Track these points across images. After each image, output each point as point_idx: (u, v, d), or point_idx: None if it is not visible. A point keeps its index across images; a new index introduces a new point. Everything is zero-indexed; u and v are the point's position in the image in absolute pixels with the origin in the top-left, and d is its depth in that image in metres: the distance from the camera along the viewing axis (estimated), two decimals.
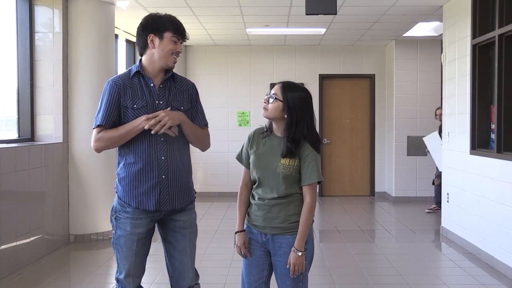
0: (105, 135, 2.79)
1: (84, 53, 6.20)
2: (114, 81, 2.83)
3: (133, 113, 2.78)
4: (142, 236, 2.83)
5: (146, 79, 2.83)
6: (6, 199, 4.91)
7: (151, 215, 2.83)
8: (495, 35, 5.34)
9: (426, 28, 8.26)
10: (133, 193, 2.80)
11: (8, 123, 5.99)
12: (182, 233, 2.89)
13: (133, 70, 2.86)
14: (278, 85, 2.75)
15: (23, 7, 5.88)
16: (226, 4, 6.80)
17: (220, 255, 5.72)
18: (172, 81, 2.89)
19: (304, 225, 2.67)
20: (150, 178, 2.77)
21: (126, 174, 2.82)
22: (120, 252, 2.84)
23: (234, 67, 10.09)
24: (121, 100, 2.79)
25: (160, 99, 2.81)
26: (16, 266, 5.04)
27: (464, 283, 4.85)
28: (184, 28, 2.86)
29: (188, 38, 2.91)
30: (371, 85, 10.09)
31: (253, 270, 2.79)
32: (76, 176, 6.22)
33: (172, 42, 2.80)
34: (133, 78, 2.84)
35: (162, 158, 2.78)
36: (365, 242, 6.63)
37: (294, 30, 8.52)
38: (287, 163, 2.67)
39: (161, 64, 2.83)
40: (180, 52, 2.87)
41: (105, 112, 2.79)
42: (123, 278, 2.85)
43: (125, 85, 2.81)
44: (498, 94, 5.29)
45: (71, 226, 6.22)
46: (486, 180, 5.50)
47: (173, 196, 2.82)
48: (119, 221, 2.85)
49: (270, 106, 2.70)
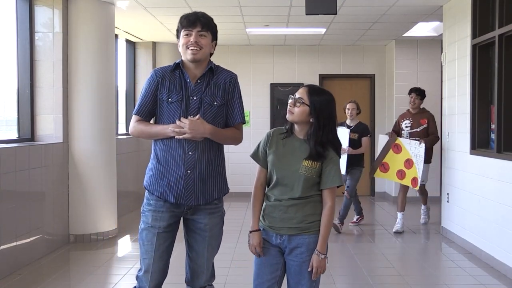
0: (138, 127, 2.89)
1: (84, 53, 6.20)
2: (155, 72, 2.91)
3: (167, 107, 2.83)
4: (163, 230, 2.85)
5: (184, 73, 2.87)
6: (6, 199, 4.91)
7: (173, 209, 2.85)
8: (495, 35, 5.34)
9: (426, 28, 8.25)
10: (158, 183, 2.84)
11: (8, 123, 5.99)
12: (202, 235, 2.91)
13: (176, 63, 2.91)
14: (304, 88, 2.75)
15: (23, 7, 5.88)
16: (226, 4, 6.80)
17: (220, 255, 5.66)
18: (211, 75, 2.90)
19: (326, 228, 2.71)
20: (175, 172, 2.81)
21: (154, 166, 2.88)
22: (142, 246, 2.89)
23: (234, 67, 10.03)
24: (158, 92, 2.85)
25: (194, 95, 2.84)
26: (16, 266, 5.04)
27: (464, 283, 4.85)
28: (193, 17, 2.87)
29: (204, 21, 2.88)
30: (371, 85, 10.09)
31: (266, 269, 2.78)
32: (76, 176, 6.21)
33: (185, 36, 2.85)
34: (174, 72, 2.88)
35: (190, 153, 2.80)
36: (365, 242, 6.63)
37: (294, 30, 8.52)
38: (309, 166, 2.69)
39: (188, 60, 2.86)
40: (198, 42, 2.83)
41: (141, 102, 2.88)
42: (142, 273, 2.88)
43: (165, 77, 2.86)
44: (498, 94, 5.29)
45: (71, 226, 6.22)
46: (486, 180, 5.50)
47: (195, 192, 2.83)
48: (144, 214, 2.90)
49: (297, 110, 2.70)
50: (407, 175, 6.58)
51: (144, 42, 9.23)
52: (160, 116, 2.87)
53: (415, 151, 6.49)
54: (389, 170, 6.80)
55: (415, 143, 6.52)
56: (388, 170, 6.81)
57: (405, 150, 6.62)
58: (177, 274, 3.38)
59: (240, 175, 9.66)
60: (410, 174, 6.54)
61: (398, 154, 6.70)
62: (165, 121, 2.84)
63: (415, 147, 6.51)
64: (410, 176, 6.55)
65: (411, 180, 6.55)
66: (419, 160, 6.46)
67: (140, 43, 9.24)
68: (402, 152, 6.64)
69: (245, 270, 2.86)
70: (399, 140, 6.74)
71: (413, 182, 6.53)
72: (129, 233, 6.62)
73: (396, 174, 6.72)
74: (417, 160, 6.48)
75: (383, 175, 6.95)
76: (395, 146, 6.73)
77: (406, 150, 6.60)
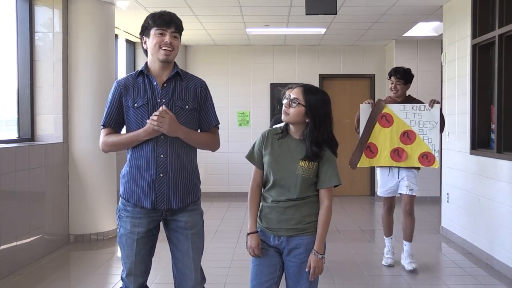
0: (109, 140, 2.85)
1: (84, 53, 6.20)
2: (117, 82, 2.88)
3: (134, 112, 2.79)
4: (142, 235, 2.82)
5: (150, 78, 2.83)
6: (6, 199, 4.91)
7: (151, 214, 2.82)
8: (495, 35, 5.34)
9: (426, 28, 8.25)
10: (132, 190, 2.81)
11: (8, 123, 5.99)
12: (184, 234, 2.86)
13: (138, 70, 2.89)
14: (299, 88, 2.71)
15: (23, 7, 5.88)
16: (226, 4, 6.80)
17: (220, 255, 5.72)
18: (179, 79, 2.87)
19: (323, 228, 2.70)
20: (148, 176, 2.77)
21: (127, 171, 2.84)
22: (122, 250, 2.87)
23: (234, 67, 10.09)
24: (122, 100, 2.81)
25: (163, 98, 2.80)
26: (16, 266, 5.04)
27: (464, 283, 4.85)
28: (170, 17, 2.80)
29: (178, 23, 2.82)
30: (371, 85, 10.09)
31: (265, 270, 2.77)
32: (76, 176, 6.21)
33: (158, 35, 2.78)
34: (137, 78, 2.85)
35: (161, 156, 2.76)
36: (365, 242, 6.63)
37: (294, 30, 8.52)
38: (306, 166, 2.67)
39: (156, 61, 2.81)
40: (173, 43, 2.79)
41: (107, 113, 2.84)
42: (125, 276, 2.88)
43: (127, 85, 2.83)
44: (498, 94, 5.28)
45: (71, 226, 6.22)
46: (486, 180, 5.49)
47: (170, 195, 2.79)
48: (121, 219, 2.86)
49: (292, 111, 2.68)
50: (410, 153, 4.92)
51: None
52: (128, 123, 2.82)
53: (418, 118, 4.92)
54: (379, 153, 4.98)
55: (415, 107, 4.95)
56: (377, 153, 4.98)
57: (398, 120, 4.95)
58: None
59: (240, 175, 9.67)
60: (415, 150, 4.91)
61: (388, 127, 4.97)
62: (133, 127, 2.79)
63: (416, 112, 4.93)
64: (415, 153, 4.92)
65: (419, 157, 4.91)
66: (428, 127, 4.90)
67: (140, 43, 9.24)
68: (394, 124, 4.96)
69: (245, 270, 2.85)
70: (387, 107, 4.99)
71: (424, 159, 4.90)
72: None
73: (391, 155, 4.95)
74: (422, 129, 4.90)
75: (371, 162, 5.01)
76: (383, 118, 4.97)
77: (400, 120, 4.94)
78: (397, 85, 5.12)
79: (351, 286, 4.74)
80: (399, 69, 5.16)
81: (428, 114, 4.89)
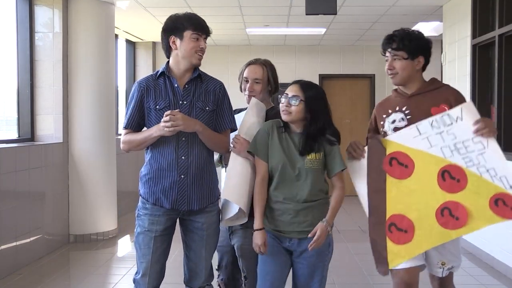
0: (127, 138, 2.86)
1: (84, 53, 6.20)
2: (138, 83, 2.86)
3: (155, 114, 2.78)
4: (160, 233, 2.83)
5: (171, 79, 2.83)
6: (6, 199, 4.91)
7: (169, 213, 2.83)
8: (495, 35, 5.34)
9: (426, 28, 8.25)
10: (152, 190, 2.82)
11: (8, 123, 5.99)
12: (200, 234, 2.88)
13: (159, 71, 2.88)
14: (296, 85, 2.70)
15: (23, 7, 5.88)
16: (226, 4, 6.80)
17: None
18: (199, 81, 2.88)
19: (337, 203, 2.71)
20: (169, 177, 2.78)
21: (147, 172, 2.85)
22: (139, 250, 2.86)
23: (234, 67, 10.08)
24: (144, 102, 2.81)
25: (184, 99, 2.81)
26: (16, 266, 5.04)
27: (464, 283, 4.85)
28: (205, 23, 2.85)
29: (211, 32, 2.89)
30: (371, 85, 10.09)
31: (277, 267, 2.72)
32: (76, 176, 6.21)
33: (193, 39, 2.80)
34: (158, 79, 2.85)
35: (183, 158, 2.77)
36: (365, 242, 6.62)
37: (294, 30, 8.52)
38: (313, 158, 2.66)
39: (186, 64, 2.83)
40: (204, 49, 2.86)
41: (129, 115, 2.85)
42: (140, 277, 2.85)
43: (149, 86, 2.83)
44: (498, 94, 5.29)
45: (71, 226, 6.22)
46: None
47: (191, 197, 2.81)
48: (139, 218, 2.87)
49: (295, 109, 2.65)
50: (471, 206, 2.61)
51: (144, 42, 9.23)
52: (150, 125, 2.83)
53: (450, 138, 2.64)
54: (417, 228, 2.70)
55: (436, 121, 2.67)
56: (413, 230, 2.70)
57: (420, 155, 2.70)
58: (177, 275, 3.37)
59: None
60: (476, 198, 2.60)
61: (409, 177, 2.72)
62: None
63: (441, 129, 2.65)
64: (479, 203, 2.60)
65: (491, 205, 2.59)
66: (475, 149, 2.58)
67: (140, 43, 9.24)
68: (418, 166, 2.71)
69: None
70: (390, 142, 2.80)
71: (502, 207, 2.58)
72: (129, 233, 6.62)
73: (439, 222, 2.65)
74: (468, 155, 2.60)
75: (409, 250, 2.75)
76: (393, 164, 2.76)
77: (424, 153, 2.69)
78: (394, 62, 2.82)
79: (351, 286, 4.74)
80: (397, 33, 2.85)
81: (463, 125, 2.58)
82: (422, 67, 2.88)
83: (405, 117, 2.81)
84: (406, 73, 2.83)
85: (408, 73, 2.84)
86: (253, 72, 3.08)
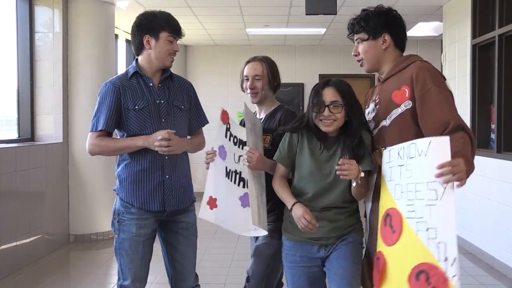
0: (102, 143, 2.74)
1: (84, 53, 6.20)
2: (112, 84, 2.75)
3: (135, 115, 2.73)
4: (148, 237, 2.77)
5: (145, 79, 2.79)
6: (6, 199, 4.91)
7: (156, 214, 2.77)
8: (495, 35, 5.34)
9: (426, 28, 8.25)
10: (136, 194, 2.74)
11: (8, 123, 5.99)
12: (185, 234, 2.85)
13: (130, 71, 2.81)
14: (332, 89, 2.40)
15: (23, 7, 5.88)
16: (226, 4, 6.80)
17: (220, 255, 5.72)
18: (170, 80, 2.86)
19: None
20: (154, 178, 2.73)
21: (128, 175, 2.76)
22: (125, 256, 2.74)
23: (234, 67, 10.08)
24: (121, 103, 2.72)
25: (161, 98, 2.78)
26: (16, 266, 5.04)
27: (464, 283, 4.83)
28: (179, 25, 2.81)
29: (184, 35, 2.85)
30: (371, 85, 10.08)
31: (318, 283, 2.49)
32: (76, 176, 6.21)
33: (169, 42, 2.75)
34: (131, 79, 2.78)
35: (166, 158, 2.74)
36: None
37: (294, 30, 8.52)
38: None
39: (158, 65, 2.79)
40: (177, 51, 2.82)
41: (106, 116, 2.71)
42: (130, 283, 2.73)
43: (124, 87, 2.75)
44: (498, 94, 5.29)
45: (71, 226, 6.22)
46: (486, 180, 5.49)
47: (176, 196, 2.79)
48: (122, 223, 2.74)
49: (339, 116, 2.37)
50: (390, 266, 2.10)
51: None
52: (128, 125, 2.72)
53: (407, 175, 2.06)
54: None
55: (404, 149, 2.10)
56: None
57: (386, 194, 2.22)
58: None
59: None
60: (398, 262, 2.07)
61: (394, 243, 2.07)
62: (134, 129, 2.72)
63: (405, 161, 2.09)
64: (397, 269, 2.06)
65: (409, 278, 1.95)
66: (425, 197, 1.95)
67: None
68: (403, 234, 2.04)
69: (245, 271, 2.83)
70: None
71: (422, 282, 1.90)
72: None
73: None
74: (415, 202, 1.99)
75: None
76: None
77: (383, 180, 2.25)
78: (358, 47, 2.60)
79: None
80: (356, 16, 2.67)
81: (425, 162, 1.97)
82: (393, 45, 2.45)
83: (375, 107, 2.49)
84: (370, 56, 2.49)
85: (372, 55, 2.48)
86: (252, 69, 2.97)
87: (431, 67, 2.35)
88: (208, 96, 9.69)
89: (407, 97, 2.28)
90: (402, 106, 2.30)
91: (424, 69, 2.31)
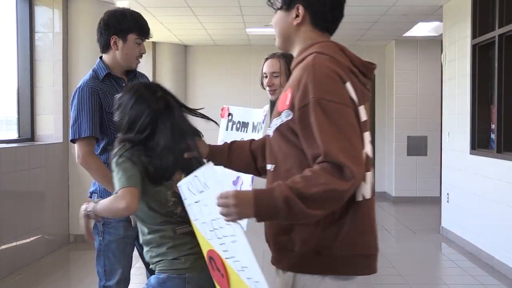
0: (95, 166, 2.67)
1: (84, 53, 6.20)
2: (90, 88, 2.65)
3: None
4: (134, 238, 2.73)
5: (117, 79, 2.74)
6: (6, 199, 4.91)
7: None
8: (495, 35, 5.34)
9: (426, 28, 8.25)
10: None
11: (8, 123, 5.99)
12: None
13: (100, 73, 2.73)
14: None
15: (23, 7, 5.88)
16: (226, 4, 6.79)
17: None
18: (135, 79, 2.83)
19: None
20: None
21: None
22: (111, 257, 2.70)
23: (234, 67, 10.08)
24: (103, 106, 2.64)
25: None
26: (16, 266, 5.04)
27: (464, 283, 4.85)
28: (148, 27, 2.75)
29: (152, 36, 2.79)
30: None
31: None
32: (76, 176, 6.21)
33: (136, 44, 2.69)
34: (103, 82, 2.71)
35: None
36: None
37: None
38: None
39: (124, 66, 2.74)
40: (144, 53, 2.77)
41: (90, 121, 2.60)
42: (115, 284, 2.70)
43: (102, 90, 2.66)
44: (498, 94, 5.29)
45: (71, 226, 6.22)
46: (486, 180, 5.49)
47: None
48: (109, 226, 2.69)
49: None
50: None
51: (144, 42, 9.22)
52: (111, 130, 2.61)
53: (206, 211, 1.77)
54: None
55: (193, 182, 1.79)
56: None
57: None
58: None
59: None
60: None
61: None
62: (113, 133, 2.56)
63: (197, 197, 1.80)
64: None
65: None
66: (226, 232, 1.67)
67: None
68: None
69: None
70: None
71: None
72: None
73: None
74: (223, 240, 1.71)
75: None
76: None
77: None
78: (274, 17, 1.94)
79: None
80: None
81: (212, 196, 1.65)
82: (310, 23, 1.83)
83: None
84: (279, 29, 1.85)
85: (281, 29, 1.85)
86: (270, 66, 2.92)
87: (323, 68, 1.69)
88: (208, 96, 9.69)
89: (287, 105, 1.70)
90: (282, 115, 1.71)
91: (310, 70, 1.67)
